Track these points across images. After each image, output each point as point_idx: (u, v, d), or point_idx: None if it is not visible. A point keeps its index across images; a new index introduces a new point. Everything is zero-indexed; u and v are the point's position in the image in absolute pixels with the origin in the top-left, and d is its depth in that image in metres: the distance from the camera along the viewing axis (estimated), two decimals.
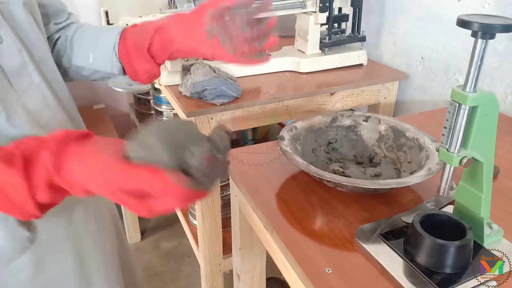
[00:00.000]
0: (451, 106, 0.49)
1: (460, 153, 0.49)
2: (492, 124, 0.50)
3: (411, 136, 0.75)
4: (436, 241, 0.50)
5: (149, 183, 0.38)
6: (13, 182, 0.40)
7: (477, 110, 0.48)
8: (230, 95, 1.01)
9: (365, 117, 0.81)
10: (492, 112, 0.49)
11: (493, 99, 0.49)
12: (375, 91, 1.20)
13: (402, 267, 0.53)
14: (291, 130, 0.76)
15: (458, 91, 0.48)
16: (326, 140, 0.81)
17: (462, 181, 0.55)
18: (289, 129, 0.76)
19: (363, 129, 0.81)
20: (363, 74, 1.24)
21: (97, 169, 0.40)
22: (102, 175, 0.40)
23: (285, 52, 1.28)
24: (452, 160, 0.49)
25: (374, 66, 1.29)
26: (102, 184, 0.40)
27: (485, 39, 0.45)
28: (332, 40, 1.24)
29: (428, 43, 1.17)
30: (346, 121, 0.82)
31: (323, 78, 1.20)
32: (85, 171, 0.41)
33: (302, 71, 1.22)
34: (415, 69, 1.23)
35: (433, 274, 0.50)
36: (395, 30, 1.29)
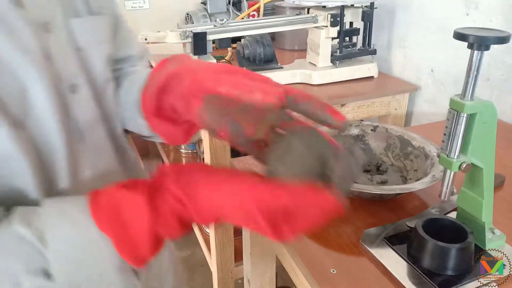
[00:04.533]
0: (450, 114, 0.51)
1: (459, 159, 0.52)
2: (491, 131, 0.52)
3: (417, 145, 0.77)
4: (438, 243, 0.52)
5: (304, 201, 0.34)
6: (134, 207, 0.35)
7: (475, 117, 0.50)
8: None
9: (372, 126, 0.84)
10: (490, 119, 0.52)
11: (491, 107, 0.51)
12: (386, 103, 1.23)
13: (405, 269, 0.54)
14: None
15: (456, 100, 0.50)
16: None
17: (463, 187, 0.57)
18: None
19: (371, 138, 0.83)
20: (373, 86, 1.26)
21: (235, 191, 0.35)
22: (241, 196, 0.35)
23: (297, 65, 1.31)
24: (452, 165, 0.51)
25: (385, 78, 1.31)
26: (238, 206, 0.35)
27: (480, 50, 0.47)
28: (343, 53, 1.27)
29: (438, 56, 1.19)
30: (354, 130, 0.84)
31: (334, 90, 1.23)
32: (220, 196, 0.36)
33: (314, 83, 1.25)
34: (425, 81, 1.25)
35: (435, 276, 0.52)
36: (405, 43, 1.31)
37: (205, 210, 0.36)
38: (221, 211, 0.36)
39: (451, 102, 0.51)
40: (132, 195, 0.36)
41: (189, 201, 0.35)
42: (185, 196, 0.35)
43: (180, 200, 0.35)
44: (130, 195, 0.36)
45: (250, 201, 0.34)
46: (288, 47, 1.62)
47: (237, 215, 0.35)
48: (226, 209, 0.35)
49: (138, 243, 0.36)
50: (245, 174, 0.36)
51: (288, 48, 1.62)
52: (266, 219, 0.34)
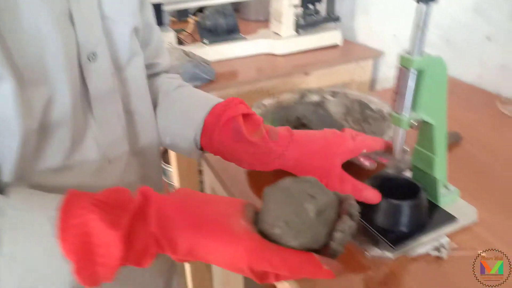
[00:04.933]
0: (399, 71, 0.50)
1: (409, 116, 0.51)
2: (441, 87, 0.52)
3: (376, 108, 0.76)
4: (389, 201, 0.52)
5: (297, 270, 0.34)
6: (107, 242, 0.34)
7: (424, 73, 0.50)
8: (203, 77, 1.02)
9: (332, 92, 0.83)
10: (439, 75, 0.51)
11: (440, 63, 0.50)
12: (350, 70, 1.22)
13: (359, 228, 0.54)
14: (259, 107, 0.78)
15: (404, 56, 0.49)
16: (295, 116, 0.82)
17: (416, 144, 0.57)
18: (257, 107, 0.78)
19: (331, 104, 0.83)
20: (338, 54, 1.25)
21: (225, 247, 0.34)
22: (232, 254, 0.34)
23: (261, 34, 1.29)
24: (402, 122, 0.51)
25: (349, 45, 1.31)
26: (226, 262, 0.35)
27: (426, 4, 0.46)
28: (306, 21, 1.25)
29: (401, 21, 1.18)
30: (315, 97, 0.83)
31: (299, 59, 1.22)
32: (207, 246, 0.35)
33: (278, 53, 1.23)
34: (388, 47, 1.25)
35: (388, 233, 0.52)
36: (368, 10, 1.30)
37: (187, 258, 0.36)
38: (207, 261, 0.36)
39: (400, 59, 0.50)
40: (108, 229, 0.33)
41: (169, 247, 0.35)
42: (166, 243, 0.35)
43: (160, 244, 0.35)
44: (105, 230, 0.33)
45: (243, 262, 0.34)
46: (253, 18, 1.59)
47: (226, 267, 0.35)
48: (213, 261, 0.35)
49: (101, 275, 0.34)
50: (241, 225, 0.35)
51: (254, 19, 1.59)
52: (255, 275, 0.35)
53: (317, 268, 0.34)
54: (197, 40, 1.25)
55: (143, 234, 0.35)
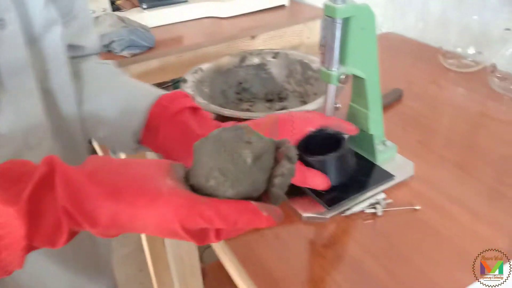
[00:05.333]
0: (324, 22, 0.47)
1: (339, 71, 0.49)
2: (370, 38, 0.50)
3: (317, 68, 0.74)
4: (313, 158, 0.48)
5: (234, 220, 0.30)
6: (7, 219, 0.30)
7: (351, 23, 0.47)
8: (141, 45, 0.95)
9: (273, 53, 0.79)
10: (368, 25, 0.48)
11: (367, 10, 0.48)
12: (298, 32, 1.18)
13: (293, 191, 0.52)
14: (196, 72, 0.73)
15: (328, 4, 0.46)
16: (236, 80, 0.79)
17: (351, 101, 0.55)
18: (194, 72, 0.73)
19: (273, 66, 0.79)
20: (285, 16, 1.21)
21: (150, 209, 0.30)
22: (159, 215, 0.30)
23: None
24: (331, 78, 0.49)
25: (296, 6, 1.26)
26: (155, 226, 0.31)
27: None
28: None
29: None
30: (255, 59, 0.79)
31: (244, 22, 1.16)
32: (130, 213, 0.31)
33: (222, 16, 1.17)
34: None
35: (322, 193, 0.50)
36: None
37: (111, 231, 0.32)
38: (134, 230, 0.32)
39: (324, 8, 0.47)
40: (4, 207, 0.29)
41: (85, 221, 0.30)
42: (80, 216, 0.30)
43: (73, 218, 0.31)
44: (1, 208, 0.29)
45: (174, 222, 0.30)
46: None
47: (158, 234, 0.32)
48: (140, 229, 0.31)
49: (8, 260, 0.30)
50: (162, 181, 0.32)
51: None
52: (191, 236, 0.31)
53: (255, 215, 0.30)
54: (136, 6, 1.17)
55: (50, 208, 0.30)
